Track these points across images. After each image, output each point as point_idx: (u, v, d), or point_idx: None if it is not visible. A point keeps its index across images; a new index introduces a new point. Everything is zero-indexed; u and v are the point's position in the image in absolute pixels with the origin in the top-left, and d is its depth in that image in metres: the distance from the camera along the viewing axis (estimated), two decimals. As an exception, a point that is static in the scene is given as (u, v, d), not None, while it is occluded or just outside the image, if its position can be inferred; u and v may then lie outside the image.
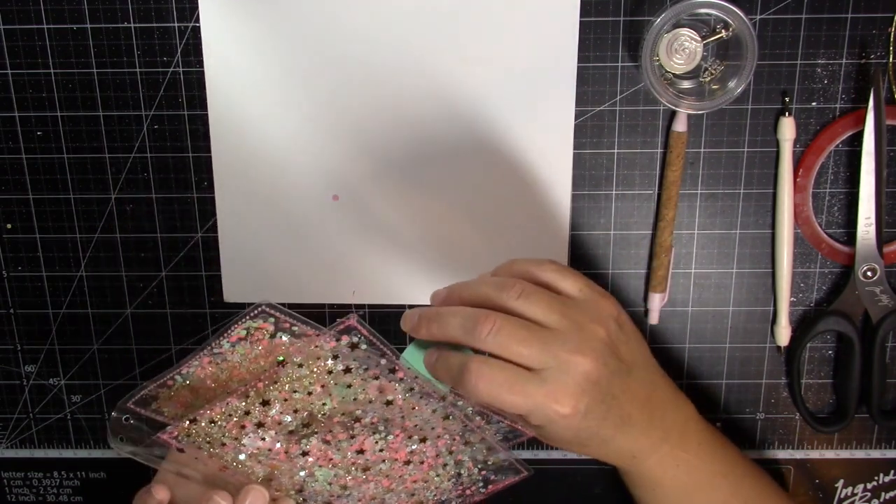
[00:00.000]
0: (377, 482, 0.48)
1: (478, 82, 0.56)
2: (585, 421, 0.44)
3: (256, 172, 0.58)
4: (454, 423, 0.48)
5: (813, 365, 0.61)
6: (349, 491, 0.48)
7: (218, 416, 0.43)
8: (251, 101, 0.57)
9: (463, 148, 0.57)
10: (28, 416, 0.65)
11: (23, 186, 0.59)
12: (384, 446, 0.47)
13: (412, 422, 0.47)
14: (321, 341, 0.42)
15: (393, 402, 0.45)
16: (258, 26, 0.55)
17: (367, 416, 0.45)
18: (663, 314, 0.60)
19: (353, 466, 0.47)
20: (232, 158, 0.58)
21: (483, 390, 0.42)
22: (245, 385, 0.43)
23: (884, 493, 0.64)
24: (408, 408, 0.46)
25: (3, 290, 0.62)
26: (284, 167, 0.58)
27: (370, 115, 0.57)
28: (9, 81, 0.57)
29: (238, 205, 0.59)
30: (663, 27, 0.52)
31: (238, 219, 0.59)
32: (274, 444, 0.45)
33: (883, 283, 0.58)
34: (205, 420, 0.43)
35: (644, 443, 0.48)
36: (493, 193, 0.58)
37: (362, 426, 0.46)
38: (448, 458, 0.49)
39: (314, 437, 0.45)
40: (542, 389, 0.43)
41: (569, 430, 0.44)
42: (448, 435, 0.48)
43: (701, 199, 0.58)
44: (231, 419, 0.44)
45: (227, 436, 0.44)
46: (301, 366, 0.43)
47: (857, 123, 0.56)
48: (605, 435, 0.46)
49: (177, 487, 0.47)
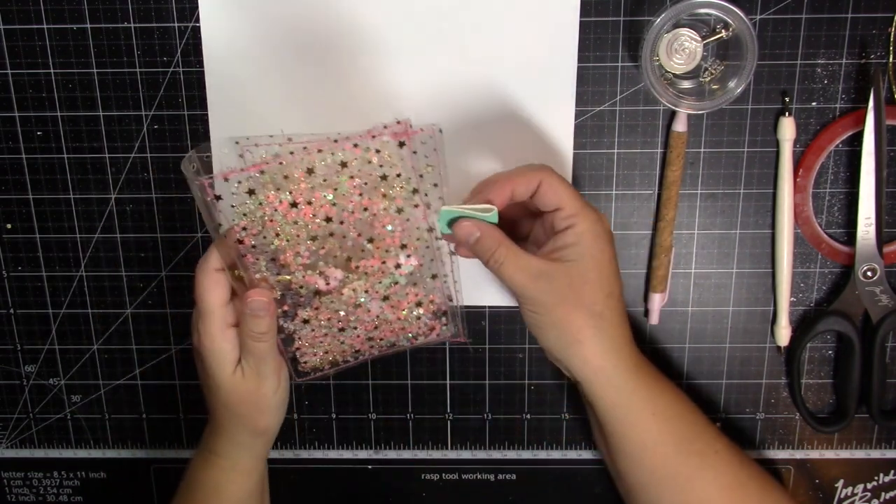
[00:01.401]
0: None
1: (478, 82, 0.56)
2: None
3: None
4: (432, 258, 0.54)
5: (813, 365, 0.61)
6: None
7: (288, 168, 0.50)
8: (251, 101, 0.57)
9: (463, 147, 0.57)
10: (28, 416, 0.65)
11: (23, 186, 0.59)
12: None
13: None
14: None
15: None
16: (258, 26, 0.55)
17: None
18: (663, 314, 0.60)
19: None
20: (232, 158, 0.58)
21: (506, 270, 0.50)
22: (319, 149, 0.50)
23: (884, 493, 0.64)
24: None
25: (3, 290, 0.62)
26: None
27: (370, 115, 0.57)
28: (9, 81, 0.57)
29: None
30: (663, 27, 0.52)
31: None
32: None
33: (883, 283, 0.58)
34: (280, 168, 0.50)
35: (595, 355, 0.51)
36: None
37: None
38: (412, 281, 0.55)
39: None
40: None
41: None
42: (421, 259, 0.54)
43: (701, 199, 0.58)
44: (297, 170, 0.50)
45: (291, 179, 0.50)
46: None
47: (857, 123, 0.56)
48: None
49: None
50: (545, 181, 0.50)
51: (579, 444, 0.64)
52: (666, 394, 0.54)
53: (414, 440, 0.65)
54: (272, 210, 0.50)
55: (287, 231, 0.51)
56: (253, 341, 0.52)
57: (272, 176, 0.50)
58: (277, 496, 0.61)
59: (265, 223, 0.51)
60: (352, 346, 0.57)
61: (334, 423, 0.64)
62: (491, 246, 0.50)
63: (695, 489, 0.53)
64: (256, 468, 0.57)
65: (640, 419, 0.52)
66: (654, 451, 0.52)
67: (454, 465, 0.65)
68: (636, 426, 0.52)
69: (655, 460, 0.52)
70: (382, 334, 0.56)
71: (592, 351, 0.51)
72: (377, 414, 0.64)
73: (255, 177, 0.50)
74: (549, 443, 0.64)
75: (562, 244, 0.50)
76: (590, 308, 0.50)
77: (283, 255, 0.52)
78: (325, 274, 0.52)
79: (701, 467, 0.53)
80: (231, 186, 0.50)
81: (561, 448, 0.64)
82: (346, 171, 0.50)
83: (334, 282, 0.53)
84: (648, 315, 0.60)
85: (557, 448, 0.64)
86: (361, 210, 0.51)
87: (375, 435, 0.65)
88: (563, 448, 0.64)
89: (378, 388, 0.63)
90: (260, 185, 0.50)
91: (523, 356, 0.62)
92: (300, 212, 0.51)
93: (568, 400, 0.63)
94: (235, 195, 0.50)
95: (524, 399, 0.63)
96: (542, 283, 0.50)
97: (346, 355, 0.57)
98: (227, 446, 0.55)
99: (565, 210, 0.50)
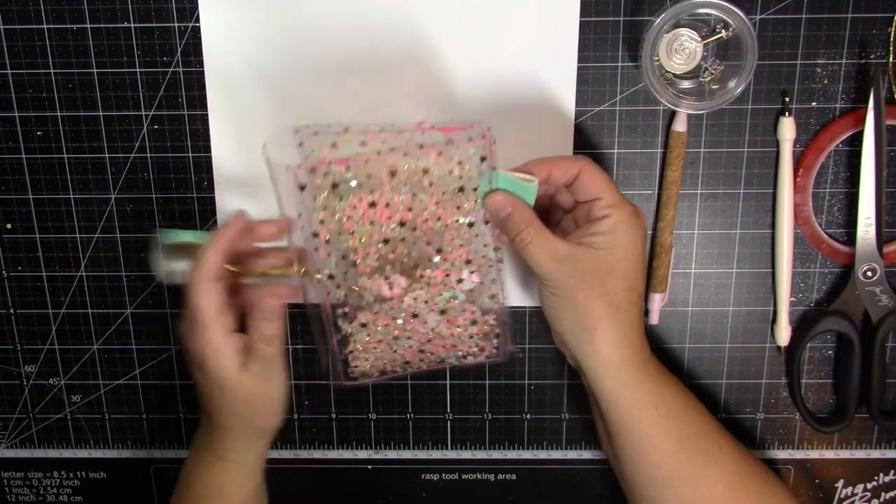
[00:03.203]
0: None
1: (478, 81, 0.56)
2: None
3: (256, 172, 0.58)
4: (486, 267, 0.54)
5: (813, 365, 0.61)
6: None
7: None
8: (251, 101, 0.57)
9: (463, 148, 0.57)
10: (28, 416, 0.65)
11: (23, 186, 0.59)
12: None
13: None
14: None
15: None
16: (258, 26, 0.55)
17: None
18: (663, 314, 0.60)
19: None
20: (232, 158, 0.58)
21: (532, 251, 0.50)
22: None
23: (884, 493, 0.64)
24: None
25: (3, 290, 0.62)
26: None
27: (371, 114, 0.57)
28: (9, 81, 0.57)
29: (238, 204, 0.59)
30: (663, 27, 0.52)
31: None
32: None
33: (883, 283, 0.58)
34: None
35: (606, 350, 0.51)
36: (493, 193, 0.58)
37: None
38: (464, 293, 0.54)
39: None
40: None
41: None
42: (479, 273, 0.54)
43: (701, 199, 0.58)
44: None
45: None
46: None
47: (857, 123, 0.56)
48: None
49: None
50: (585, 170, 0.50)
51: (579, 444, 0.64)
52: (671, 390, 0.54)
53: (414, 440, 0.65)
54: (352, 208, 0.50)
55: (362, 230, 0.51)
56: (263, 344, 0.52)
57: (357, 173, 0.50)
58: (278, 496, 0.61)
59: (343, 220, 0.51)
60: (402, 357, 0.56)
61: (334, 423, 0.64)
62: (520, 224, 0.50)
63: (698, 486, 0.52)
64: (259, 467, 0.57)
65: (643, 414, 0.52)
66: (657, 446, 0.52)
67: (454, 465, 0.65)
68: (639, 421, 0.52)
69: (658, 456, 0.52)
70: (434, 348, 0.56)
71: (604, 341, 0.51)
72: (377, 414, 0.64)
73: (341, 171, 0.50)
74: (549, 443, 0.64)
75: (595, 231, 0.50)
76: (610, 298, 0.50)
77: (353, 255, 0.52)
78: (391, 280, 0.52)
79: (704, 465, 0.53)
80: (317, 178, 0.50)
81: (561, 448, 0.64)
82: (426, 178, 0.50)
83: (398, 289, 0.52)
84: (648, 315, 0.60)
85: (557, 448, 0.64)
86: (435, 219, 0.51)
87: (375, 435, 0.65)
88: (563, 448, 0.64)
89: (378, 388, 0.63)
90: (344, 181, 0.50)
91: (523, 356, 0.62)
92: (378, 212, 0.50)
93: (568, 400, 0.63)
94: (320, 186, 0.50)
95: (524, 399, 0.63)
96: (566, 266, 0.50)
97: (395, 364, 0.57)
98: (231, 448, 0.55)
99: (605, 200, 0.50)
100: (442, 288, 0.53)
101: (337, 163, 0.49)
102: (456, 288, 0.53)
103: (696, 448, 0.53)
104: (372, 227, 0.51)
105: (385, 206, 0.50)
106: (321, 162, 0.49)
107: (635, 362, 0.52)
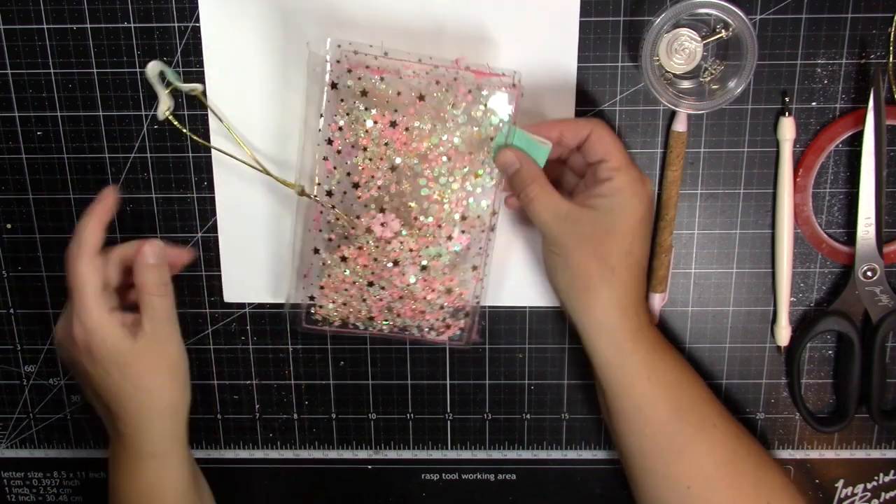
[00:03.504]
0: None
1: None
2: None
3: (256, 172, 0.58)
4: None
5: (813, 365, 0.61)
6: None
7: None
8: (251, 101, 0.57)
9: (463, 148, 0.57)
10: (28, 416, 0.65)
11: (23, 186, 0.59)
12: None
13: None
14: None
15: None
16: (258, 26, 0.55)
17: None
18: (663, 314, 0.60)
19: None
20: (232, 159, 0.58)
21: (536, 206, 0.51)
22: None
23: (884, 493, 0.64)
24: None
25: (3, 290, 0.62)
26: (285, 166, 0.58)
27: (370, 115, 0.57)
28: (9, 81, 0.57)
29: (238, 205, 0.59)
30: (663, 27, 0.52)
31: (238, 219, 0.59)
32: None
33: (883, 283, 0.58)
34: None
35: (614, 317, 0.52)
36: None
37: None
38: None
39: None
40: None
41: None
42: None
43: (701, 199, 0.58)
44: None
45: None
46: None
47: (857, 123, 0.56)
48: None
49: None
50: (595, 131, 0.51)
51: (579, 444, 0.64)
52: (666, 362, 0.53)
53: (414, 440, 0.65)
54: (373, 123, 0.51)
55: (374, 151, 0.52)
56: (154, 296, 0.51)
57: (388, 85, 0.51)
58: (278, 496, 0.61)
59: (360, 134, 0.51)
60: (368, 311, 0.56)
61: (334, 423, 0.64)
62: (526, 180, 0.51)
63: (687, 460, 0.52)
64: (185, 457, 0.56)
65: (635, 381, 0.52)
66: (648, 416, 0.52)
67: (454, 465, 0.65)
68: (631, 387, 0.52)
69: (648, 427, 0.52)
70: (403, 309, 0.56)
71: (598, 303, 0.51)
72: (377, 414, 0.64)
73: (375, 80, 0.51)
74: (549, 443, 0.64)
75: (597, 193, 0.50)
76: (605, 260, 0.50)
77: (358, 175, 0.52)
78: (385, 219, 0.53)
79: (695, 439, 0.52)
80: (349, 80, 0.51)
81: (561, 448, 0.64)
82: (451, 113, 0.51)
83: (389, 232, 0.53)
84: (649, 315, 0.60)
85: (557, 448, 0.64)
86: (446, 159, 0.52)
87: (375, 435, 0.65)
88: (563, 448, 0.64)
89: (378, 388, 0.63)
90: (375, 91, 0.51)
91: (523, 356, 0.62)
92: (396, 134, 0.51)
93: (568, 400, 0.63)
94: (350, 89, 0.51)
95: (524, 399, 0.63)
96: (566, 224, 0.50)
97: (359, 318, 0.57)
98: (148, 439, 0.53)
99: (610, 162, 0.50)
100: (431, 241, 0.53)
101: (373, 70, 0.51)
102: (443, 245, 0.54)
103: (687, 421, 0.52)
104: (386, 148, 0.51)
105: (405, 129, 0.51)
106: (358, 65, 0.50)
107: (629, 328, 0.52)
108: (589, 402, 0.63)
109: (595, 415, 0.63)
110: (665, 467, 0.52)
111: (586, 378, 0.62)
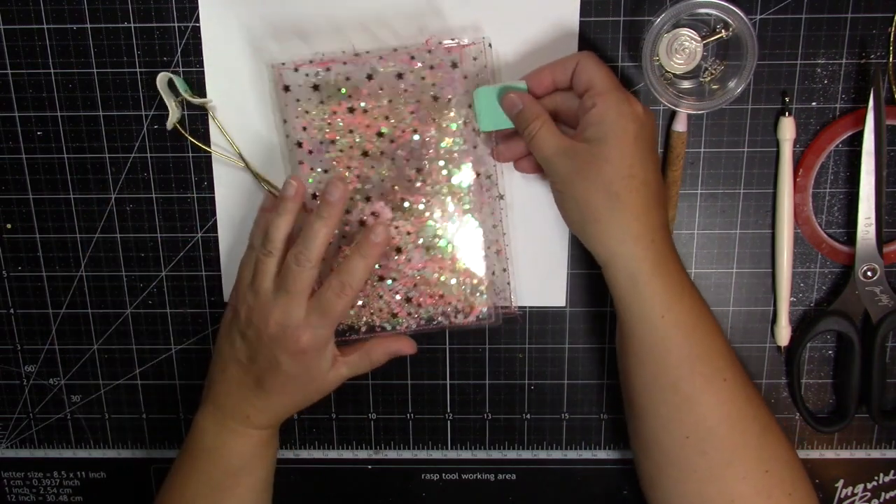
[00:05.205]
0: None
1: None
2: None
3: (257, 171, 0.58)
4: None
5: (813, 365, 0.61)
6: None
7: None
8: (251, 101, 0.57)
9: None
10: (28, 416, 0.65)
11: (23, 186, 0.59)
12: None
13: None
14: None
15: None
16: (258, 26, 0.55)
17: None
18: (663, 314, 0.60)
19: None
20: (232, 158, 0.58)
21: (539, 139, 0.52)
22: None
23: (884, 493, 0.64)
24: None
25: (3, 290, 0.62)
26: (284, 166, 0.58)
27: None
28: (9, 81, 0.57)
29: (238, 205, 0.59)
30: (663, 27, 0.52)
31: (238, 219, 0.59)
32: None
33: (883, 283, 0.58)
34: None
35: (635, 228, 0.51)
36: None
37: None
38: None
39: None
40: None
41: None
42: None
43: (701, 199, 0.58)
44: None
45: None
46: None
47: (857, 123, 0.56)
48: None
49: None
50: (581, 62, 0.51)
51: (579, 444, 0.64)
52: (683, 303, 0.51)
53: (414, 440, 0.65)
54: (332, 114, 0.52)
55: (342, 142, 0.53)
56: (372, 362, 0.57)
57: (337, 75, 0.52)
58: (278, 496, 0.61)
59: (325, 129, 0.53)
60: (389, 306, 0.56)
61: (334, 423, 0.64)
62: (529, 117, 0.52)
63: (692, 410, 0.51)
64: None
65: (648, 317, 0.51)
66: (657, 358, 0.51)
67: (454, 465, 0.65)
68: (643, 323, 0.51)
69: (657, 367, 0.51)
70: (421, 299, 0.56)
71: (609, 233, 0.50)
72: (377, 414, 0.64)
73: (322, 73, 0.52)
74: (549, 443, 0.64)
75: (586, 123, 0.50)
76: (608, 188, 0.49)
77: (334, 170, 0.53)
78: (376, 210, 0.53)
79: (703, 391, 0.51)
80: (299, 78, 0.53)
81: (561, 448, 0.64)
82: (401, 83, 0.52)
83: (383, 221, 0.54)
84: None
85: (557, 448, 0.64)
86: (412, 132, 0.53)
87: (375, 435, 0.65)
88: (563, 448, 0.64)
89: (378, 388, 0.63)
90: (325, 83, 0.52)
91: (523, 356, 0.62)
92: (357, 119, 0.52)
93: (568, 400, 0.63)
94: (301, 87, 0.52)
95: (524, 399, 0.63)
96: (566, 160, 0.50)
97: (382, 317, 0.57)
98: (274, 418, 0.57)
99: (593, 89, 0.50)
100: (425, 220, 0.54)
101: (319, 63, 0.52)
102: (439, 223, 0.54)
103: (697, 371, 0.51)
104: (352, 135, 0.53)
105: (363, 111, 0.52)
106: (302, 62, 0.53)
107: (643, 258, 0.50)
108: (589, 402, 0.63)
109: (595, 415, 0.63)
110: (667, 411, 0.51)
111: (586, 378, 0.62)
